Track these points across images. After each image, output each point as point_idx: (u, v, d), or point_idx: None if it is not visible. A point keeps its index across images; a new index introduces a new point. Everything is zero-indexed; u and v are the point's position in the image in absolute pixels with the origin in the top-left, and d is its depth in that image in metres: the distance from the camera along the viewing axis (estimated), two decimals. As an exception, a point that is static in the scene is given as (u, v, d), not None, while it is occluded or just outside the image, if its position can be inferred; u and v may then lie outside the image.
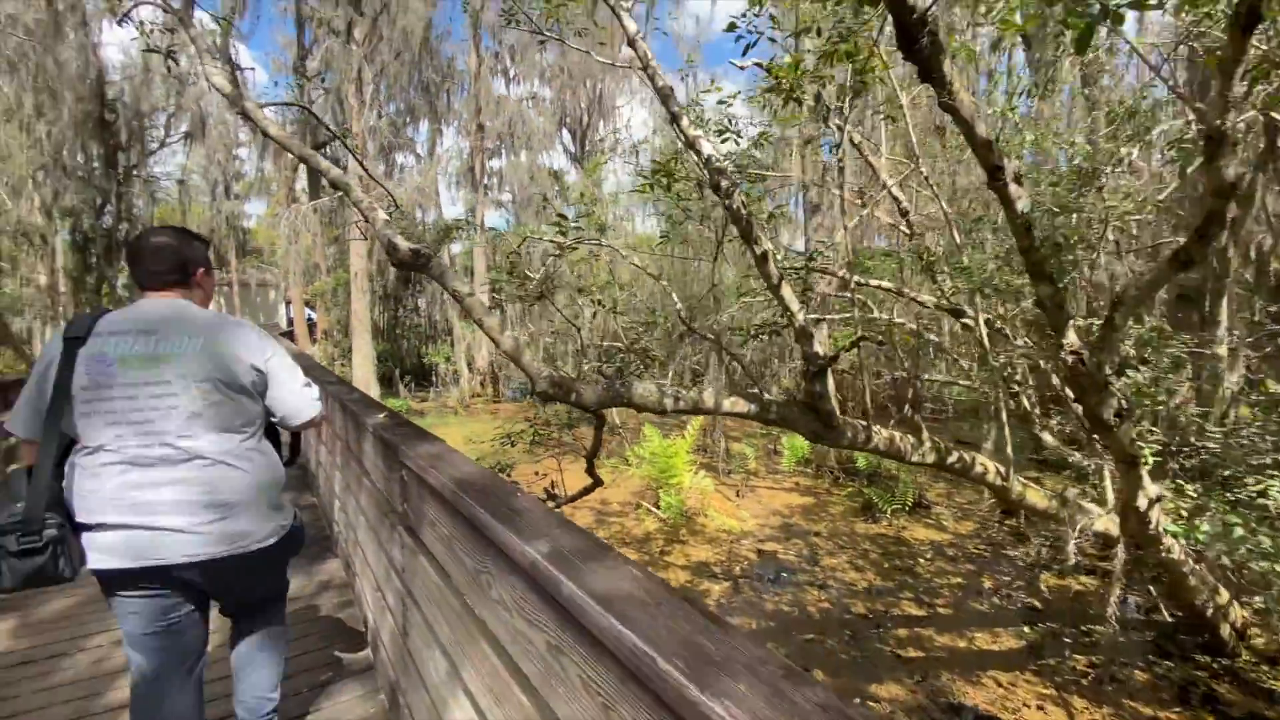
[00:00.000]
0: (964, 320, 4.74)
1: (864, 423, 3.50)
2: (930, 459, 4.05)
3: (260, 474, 1.68)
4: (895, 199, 5.79)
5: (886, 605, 6.00)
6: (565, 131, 27.95)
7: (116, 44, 43.88)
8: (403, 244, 2.61)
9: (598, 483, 3.77)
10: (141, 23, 3.97)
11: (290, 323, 24.88)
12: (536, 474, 9.25)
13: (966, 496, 9.58)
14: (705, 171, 3.07)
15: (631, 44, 3.26)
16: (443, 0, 20.46)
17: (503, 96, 21.92)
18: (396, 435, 2.16)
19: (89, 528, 1.53)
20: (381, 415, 2.60)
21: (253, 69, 20.86)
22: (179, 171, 23.41)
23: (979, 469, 4.42)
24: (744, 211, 2.99)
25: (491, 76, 21.37)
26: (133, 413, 1.54)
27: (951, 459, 4.19)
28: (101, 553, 1.53)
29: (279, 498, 1.77)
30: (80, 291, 16.10)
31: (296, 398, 1.74)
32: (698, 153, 3.05)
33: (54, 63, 12.81)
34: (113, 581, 1.58)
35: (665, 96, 3.17)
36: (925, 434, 3.98)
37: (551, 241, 4.19)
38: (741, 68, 4.67)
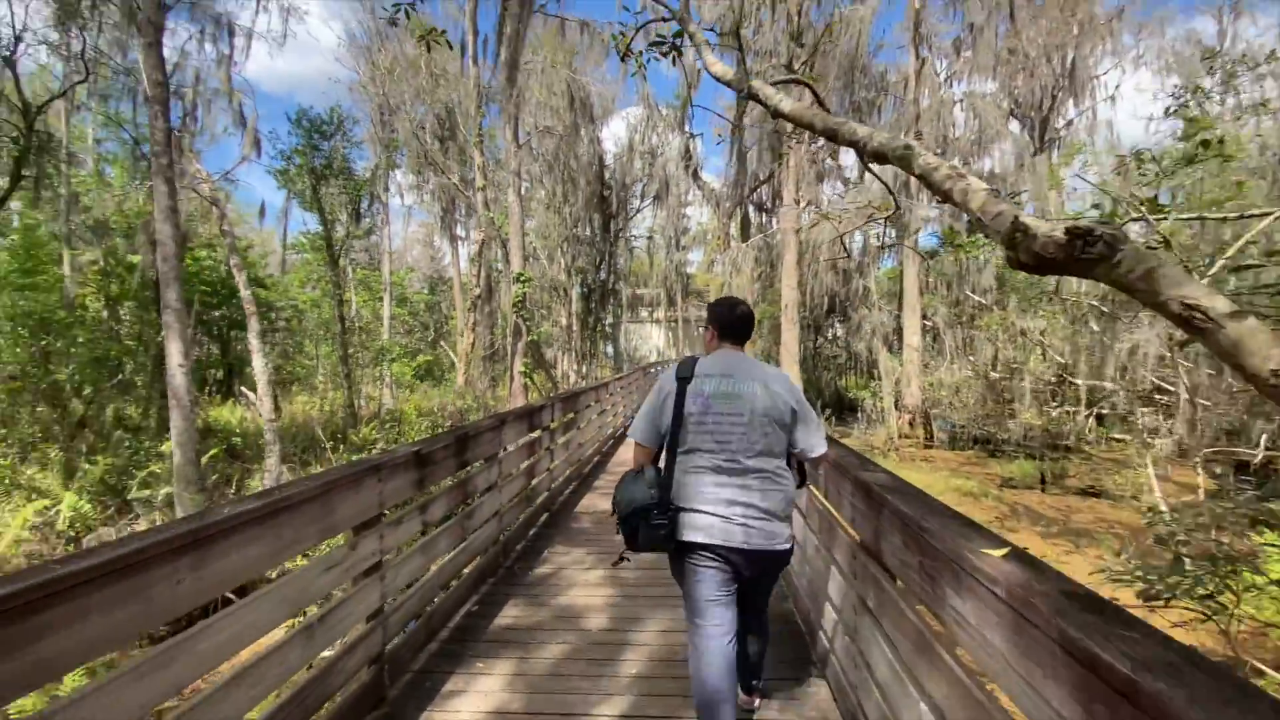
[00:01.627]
0: None
1: None
2: None
3: (789, 491, 2.14)
4: None
5: None
6: (1014, 122, 23.19)
7: (611, 137, 57.96)
8: (1044, 226, 1.34)
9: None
10: (640, 51, 3.94)
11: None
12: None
13: None
14: None
15: None
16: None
17: (939, 99, 19.42)
18: (1105, 630, 0.82)
19: (686, 511, 2.07)
20: (1003, 551, 1.32)
21: (700, 134, 23.95)
22: (645, 231, 28.61)
23: None
24: None
25: (923, 82, 19.14)
26: (719, 434, 2.06)
27: None
28: (692, 530, 2.06)
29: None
30: (584, 329, 20.93)
31: (815, 437, 2.18)
32: None
33: (574, 158, 16.93)
34: (694, 549, 2.07)
35: None
36: None
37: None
38: None
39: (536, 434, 5.39)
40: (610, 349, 32.07)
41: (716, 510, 2.02)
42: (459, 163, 22.57)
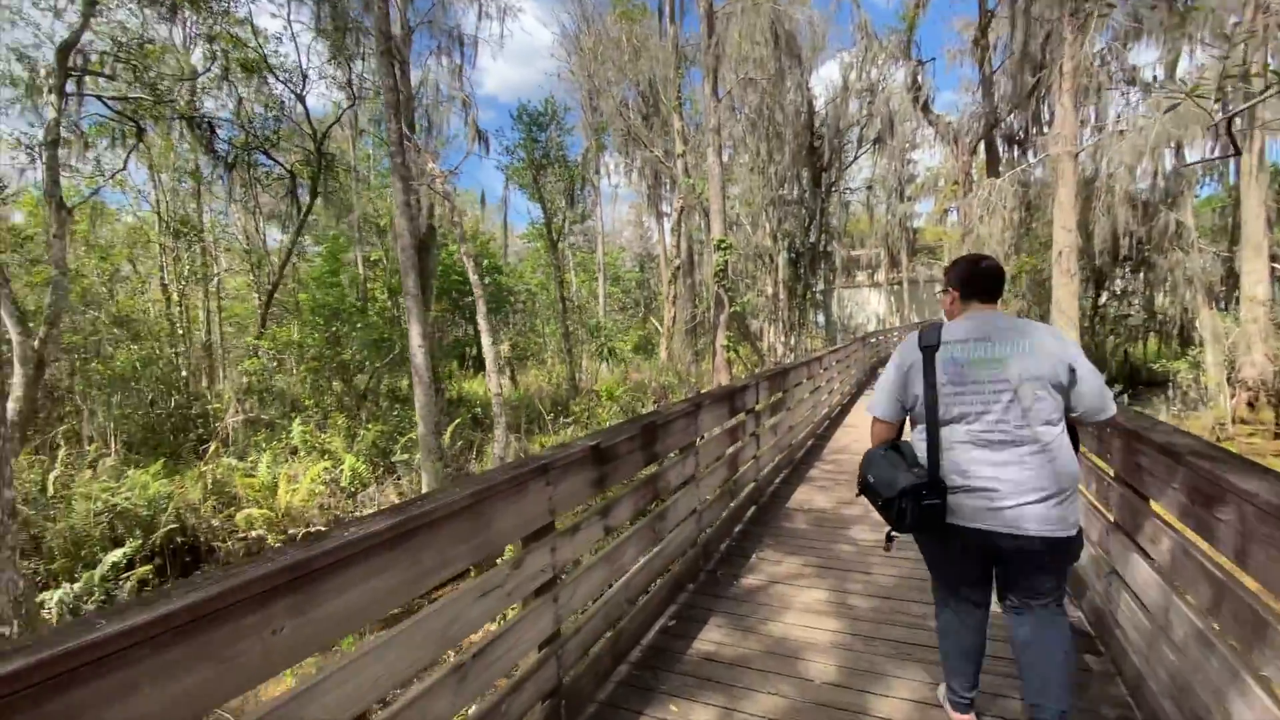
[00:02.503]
0: None
1: None
2: None
3: (1071, 463, 1.87)
4: None
5: None
6: None
7: (820, 83, 53.33)
8: None
9: None
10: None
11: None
12: None
13: None
14: None
15: None
16: None
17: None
18: None
19: (951, 491, 1.91)
20: None
21: (931, 59, 20.42)
22: (862, 183, 25.70)
23: None
24: None
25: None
26: (979, 404, 1.87)
27: None
28: (958, 511, 1.90)
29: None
30: (792, 297, 19.52)
31: (1101, 396, 1.88)
32: None
33: (779, 109, 15.49)
34: (958, 531, 1.91)
35: None
36: None
37: None
38: None
39: (739, 418, 4.71)
40: (821, 318, 29.85)
41: (985, 489, 1.86)
42: (661, 135, 22.54)
